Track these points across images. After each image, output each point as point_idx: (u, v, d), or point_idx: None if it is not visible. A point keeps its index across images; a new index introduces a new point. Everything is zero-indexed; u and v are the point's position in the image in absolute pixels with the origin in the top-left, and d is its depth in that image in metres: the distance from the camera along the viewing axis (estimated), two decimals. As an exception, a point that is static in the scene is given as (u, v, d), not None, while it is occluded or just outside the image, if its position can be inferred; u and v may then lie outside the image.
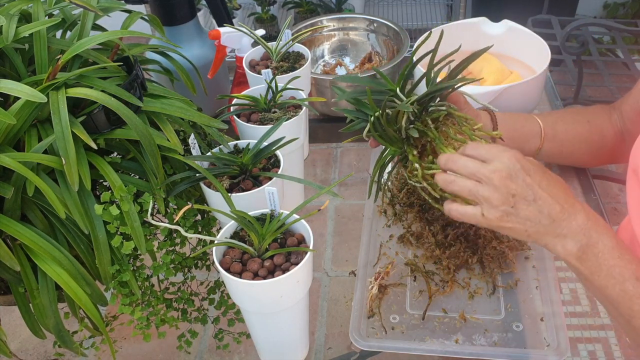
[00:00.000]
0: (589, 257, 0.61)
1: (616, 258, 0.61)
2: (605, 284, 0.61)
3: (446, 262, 0.82)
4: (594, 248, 0.61)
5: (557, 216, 0.62)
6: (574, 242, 0.62)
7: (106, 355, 0.80)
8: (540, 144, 0.85)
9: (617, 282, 0.60)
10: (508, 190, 0.62)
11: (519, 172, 0.62)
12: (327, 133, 1.16)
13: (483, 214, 0.63)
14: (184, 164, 0.69)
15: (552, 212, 0.62)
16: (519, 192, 0.62)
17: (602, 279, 0.61)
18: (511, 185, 0.62)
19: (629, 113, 0.85)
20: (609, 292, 0.60)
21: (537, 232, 0.63)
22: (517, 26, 1.10)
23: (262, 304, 0.63)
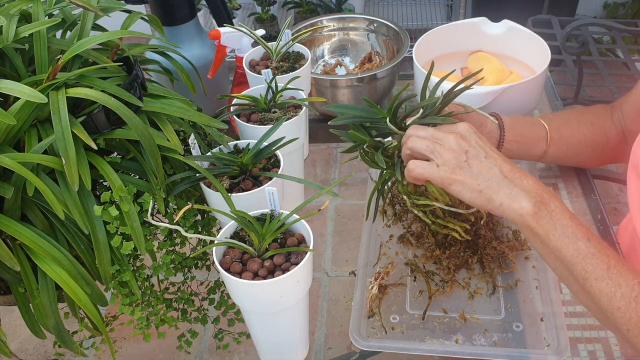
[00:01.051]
0: (544, 214, 0.62)
1: (568, 218, 0.62)
2: (560, 244, 0.61)
3: (446, 262, 0.82)
4: (547, 206, 0.63)
5: (508, 174, 0.64)
6: (528, 199, 0.62)
7: (106, 355, 0.80)
8: (546, 148, 0.85)
9: (571, 241, 0.61)
10: (461, 147, 0.65)
11: (472, 135, 0.67)
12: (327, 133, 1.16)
13: (437, 165, 0.66)
14: (184, 164, 0.69)
15: (503, 170, 0.64)
16: (471, 149, 0.66)
17: (556, 239, 0.61)
18: (464, 143, 0.66)
19: (630, 113, 0.85)
20: (564, 252, 0.61)
21: (489, 187, 0.64)
22: (517, 26, 1.10)
23: (262, 304, 0.63)
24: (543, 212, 0.62)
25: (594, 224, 0.90)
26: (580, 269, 0.60)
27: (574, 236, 0.61)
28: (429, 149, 0.66)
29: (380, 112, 0.72)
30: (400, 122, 0.72)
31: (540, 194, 0.63)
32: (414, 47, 1.07)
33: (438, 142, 0.66)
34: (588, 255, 0.60)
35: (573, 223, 0.62)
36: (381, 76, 1.13)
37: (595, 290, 0.60)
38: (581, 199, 0.94)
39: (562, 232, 0.61)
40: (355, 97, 1.14)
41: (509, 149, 0.84)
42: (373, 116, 0.73)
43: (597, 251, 0.60)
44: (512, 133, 0.83)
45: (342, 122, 0.73)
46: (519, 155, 0.86)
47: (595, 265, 0.60)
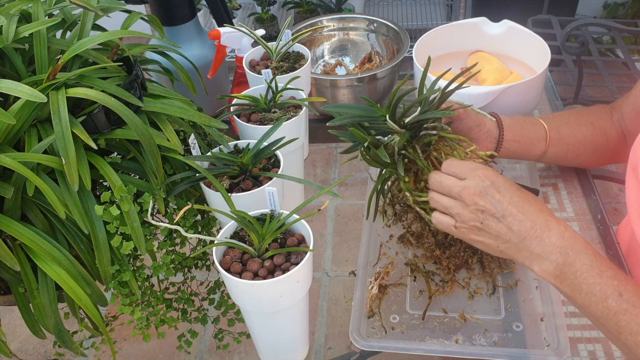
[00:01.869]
0: (568, 276, 0.61)
1: (596, 276, 0.60)
2: (587, 304, 0.60)
3: (446, 262, 0.82)
4: (571, 267, 0.61)
5: (527, 234, 0.62)
6: (550, 261, 0.61)
7: (106, 355, 0.80)
8: (545, 148, 0.85)
9: (599, 299, 0.59)
10: (477, 206, 0.64)
11: (489, 189, 0.64)
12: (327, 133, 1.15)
13: (456, 226, 0.66)
14: (184, 164, 0.69)
15: (522, 230, 0.62)
16: (487, 208, 0.64)
17: (583, 297, 0.60)
18: (480, 202, 0.64)
19: (629, 113, 0.85)
20: (592, 309, 0.60)
21: (508, 249, 0.64)
22: (517, 26, 1.10)
23: (262, 304, 0.63)
24: (566, 274, 0.61)
25: (594, 224, 0.90)
26: (613, 325, 0.59)
27: (602, 294, 0.59)
28: (446, 209, 0.67)
29: (379, 110, 0.72)
30: (399, 119, 0.72)
31: (565, 252, 0.61)
32: (414, 47, 1.07)
33: (457, 200, 0.66)
34: (620, 312, 0.59)
35: (602, 280, 0.60)
36: (381, 76, 1.13)
37: (630, 343, 0.58)
38: (581, 199, 0.94)
39: (589, 291, 0.60)
40: (355, 97, 1.14)
41: (508, 148, 0.83)
42: (372, 115, 0.73)
43: (629, 306, 0.58)
44: (511, 133, 0.83)
45: (340, 122, 0.73)
46: (518, 155, 0.86)
47: (628, 320, 0.58)
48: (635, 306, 0.58)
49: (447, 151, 0.74)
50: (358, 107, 0.74)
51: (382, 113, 0.72)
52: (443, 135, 0.73)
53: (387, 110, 0.71)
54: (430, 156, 0.73)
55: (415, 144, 0.72)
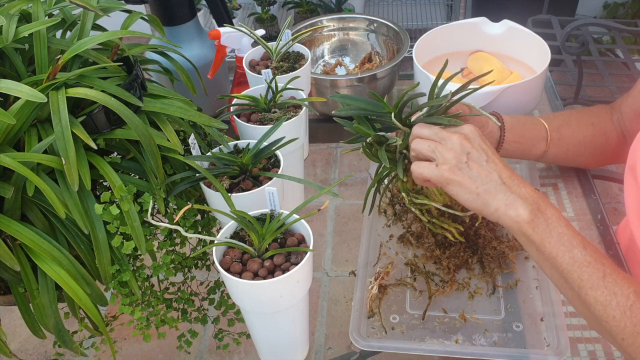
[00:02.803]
0: (540, 222, 0.62)
1: (563, 226, 0.62)
2: (556, 252, 0.61)
3: (446, 262, 0.82)
4: (544, 214, 0.63)
5: (506, 180, 0.65)
6: (524, 207, 0.63)
7: (106, 355, 0.80)
8: (546, 148, 0.85)
9: (567, 249, 0.61)
10: (463, 148, 0.66)
11: (477, 137, 0.67)
12: (327, 133, 1.16)
13: (437, 165, 0.66)
14: (184, 164, 0.69)
15: (502, 175, 0.65)
16: (473, 151, 0.66)
17: (552, 246, 0.61)
18: (467, 144, 0.66)
19: (629, 114, 0.85)
20: (559, 260, 0.61)
21: (486, 191, 0.64)
22: (517, 26, 1.10)
23: (262, 304, 0.63)
24: (539, 220, 0.62)
25: (594, 224, 0.90)
26: (576, 277, 0.60)
27: (569, 244, 0.61)
28: (431, 148, 0.67)
29: (386, 107, 0.72)
30: (405, 119, 0.72)
31: (536, 201, 0.63)
32: (414, 47, 1.07)
33: (441, 142, 0.67)
34: (584, 264, 0.60)
35: (569, 231, 0.62)
36: (381, 76, 1.13)
37: (590, 298, 0.59)
38: (581, 199, 0.94)
39: (558, 239, 0.61)
40: (355, 97, 1.14)
41: (509, 148, 0.83)
42: (378, 110, 0.73)
43: (592, 260, 0.60)
44: (512, 133, 0.83)
45: (347, 113, 0.73)
46: (518, 155, 0.86)
47: (590, 273, 0.60)
48: (596, 260, 0.60)
49: None
50: (365, 100, 0.74)
51: (389, 110, 0.72)
52: None
53: (394, 109, 0.71)
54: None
55: None
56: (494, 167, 0.65)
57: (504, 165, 0.66)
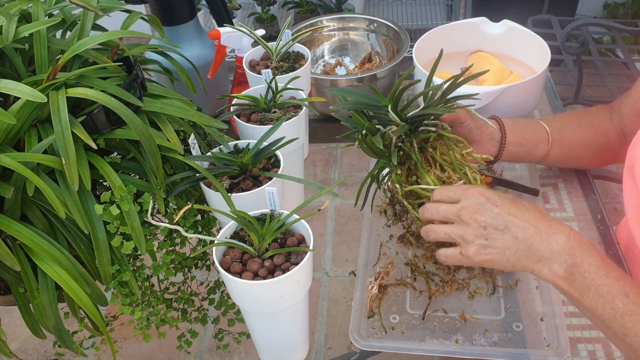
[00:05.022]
0: (576, 277, 0.61)
1: (603, 277, 0.60)
2: (595, 305, 0.60)
3: (446, 262, 0.82)
4: (579, 268, 0.61)
5: (533, 239, 0.62)
6: (559, 263, 0.62)
7: (106, 355, 0.80)
8: (548, 150, 0.85)
9: (607, 300, 0.59)
10: (478, 223, 0.64)
11: (485, 204, 0.64)
12: (327, 133, 1.16)
13: (461, 252, 0.65)
14: (184, 164, 0.69)
15: (528, 236, 0.63)
16: (488, 223, 0.64)
17: (591, 299, 0.60)
18: (480, 218, 0.64)
19: (628, 114, 0.85)
20: (599, 311, 0.60)
21: (518, 259, 0.63)
22: (517, 26, 1.10)
23: (262, 304, 0.63)
24: (575, 275, 0.61)
25: (594, 224, 0.90)
26: (619, 327, 0.59)
27: (609, 295, 0.59)
28: (448, 236, 0.66)
29: (382, 100, 0.72)
30: (401, 112, 0.72)
31: (572, 253, 0.61)
32: (414, 47, 1.07)
33: (455, 222, 0.65)
34: (626, 313, 0.59)
35: (609, 281, 0.60)
36: (381, 76, 1.13)
37: (636, 344, 0.58)
38: (581, 199, 0.94)
39: (596, 292, 0.60)
40: (355, 97, 1.14)
41: (511, 150, 0.83)
42: (375, 103, 0.73)
43: (635, 307, 0.59)
44: (513, 135, 0.83)
45: (344, 107, 0.73)
46: (521, 157, 0.86)
47: (634, 322, 0.58)
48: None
49: (443, 150, 0.74)
50: (363, 94, 0.74)
51: (386, 103, 0.72)
52: (442, 133, 0.73)
53: (390, 101, 0.71)
54: (426, 153, 0.73)
55: (413, 138, 0.72)
56: (516, 231, 0.63)
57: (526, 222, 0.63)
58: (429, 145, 0.74)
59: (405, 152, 0.73)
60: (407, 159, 0.74)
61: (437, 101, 0.71)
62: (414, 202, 0.75)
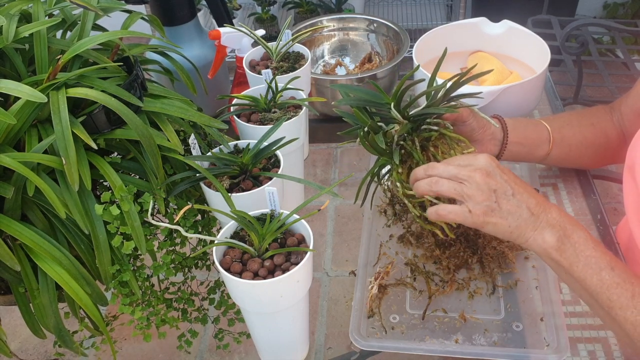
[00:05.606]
0: (567, 247, 0.64)
1: (591, 249, 0.63)
2: (584, 275, 0.62)
3: (446, 262, 0.82)
4: (570, 239, 0.64)
5: (534, 209, 0.65)
6: (552, 233, 0.64)
7: (106, 355, 0.80)
8: (549, 150, 0.85)
9: (594, 271, 0.62)
10: (489, 186, 0.65)
11: (496, 169, 0.67)
12: (327, 133, 1.16)
13: (470, 210, 0.66)
14: (184, 164, 0.69)
15: (530, 205, 0.65)
16: (499, 187, 0.65)
17: (580, 270, 0.63)
18: (491, 181, 0.66)
19: (628, 114, 0.85)
20: (588, 282, 0.62)
21: (517, 226, 0.65)
22: (517, 26, 1.10)
23: (262, 304, 0.63)
24: (566, 245, 0.64)
25: (594, 224, 0.90)
26: (605, 298, 0.61)
27: (597, 266, 0.62)
28: (457, 191, 0.66)
29: (385, 98, 0.72)
30: (404, 110, 0.72)
31: (563, 226, 0.64)
32: (414, 47, 1.07)
33: (464, 182, 0.66)
34: (612, 285, 0.61)
35: (597, 253, 0.63)
36: (381, 76, 1.13)
37: (620, 318, 0.61)
38: (581, 199, 0.95)
39: (586, 263, 0.62)
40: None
41: (513, 150, 0.83)
42: (378, 101, 0.73)
43: (621, 280, 0.61)
44: (514, 134, 0.83)
45: (347, 103, 0.73)
46: (523, 157, 0.86)
47: (619, 294, 0.61)
48: (625, 281, 0.61)
49: (444, 149, 0.74)
50: (365, 90, 0.74)
51: (388, 101, 0.72)
52: (444, 132, 0.73)
53: (393, 99, 0.71)
54: (428, 152, 0.73)
55: (415, 137, 0.72)
56: (521, 199, 0.65)
57: (529, 194, 0.66)
58: (431, 144, 0.74)
59: (407, 150, 0.72)
60: (409, 157, 0.74)
61: (440, 100, 0.71)
62: (415, 202, 0.75)
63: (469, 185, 0.66)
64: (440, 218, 0.68)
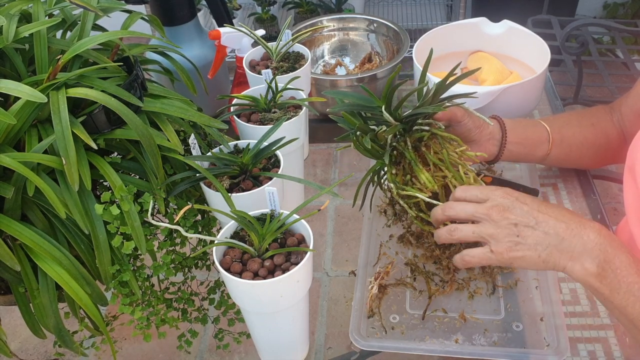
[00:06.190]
0: (608, 274, 0.60)
1: (634, 274, 0.59)
2: (626, 303, 0.59)
3: (446, 262, 0.82)
4: (611, 264, 0.60)
5: (565, 234, 0.62)
6: (591, 259, 0.60)
7: (106, 355, 0.80)
8: (548, 150, 0.85)
9: (637, 299, 0.59)
10: (509, 221, 0.63)
11: (515, 202, 0.64)
12: (327, 133, 1.16)
13: (492, 250, 0.64)
14: (184, 164, 0.69)
15: (559, 231, 0.62)
16: (519, 220, 0.63)
17: (621, 297, 0.59)
18: (510, 216, 0.63)
19: (628, 115, 0.85)
20: (629, 310, 0.59)
21: (550, 254, 0.62)
22: (517, 26, 1.10)
23: (262, 304, 0.63)
24: (607, 272, 0.60)
25: (594, 224, 0.90)
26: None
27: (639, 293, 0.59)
28: (477, 235, 0.65)
29: (376, 101, 0.72)
30: (394, 111, 0.72)
31: (604, 249, 0.60)
32: (414, 47, 1.07)
33: (482, 221, 0.64)
34: None
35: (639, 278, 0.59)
36: (381, 76, 1.13)
37: None
38: (581, 199, 0.95)
39: (627, 290, 0.59)
40: (355, 97, 1.14)
41: (512, 150, 0.83)
42: (369, 104, 0.73)
43: None
44: (514, 135, 0.83)
45: (340, 109, 0.73)
46: (522, 157, 0.86)
47: None
48: None
49: (436, 149, 0.74)
50: (357, 95, 0.74)
51: (379, 104, 0.72)
52: (435, 132, 0.73)
53: (383, 101, 0.71)
54: (421, 152, 0.73)
55: (407, 137, 0.73)
56: (547, 227, 0.62)
57: (556, 218, 0.63)
58: (423, 144, 0.74)
59: (400, 151, 0.73)
60: (402, 158, 0.74)
61: (430, 100, 0.71)
62: (410, 202, 0.75)
63: (487, 224, 0.64)
64: (467, 265, 0.67)
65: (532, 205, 0.64)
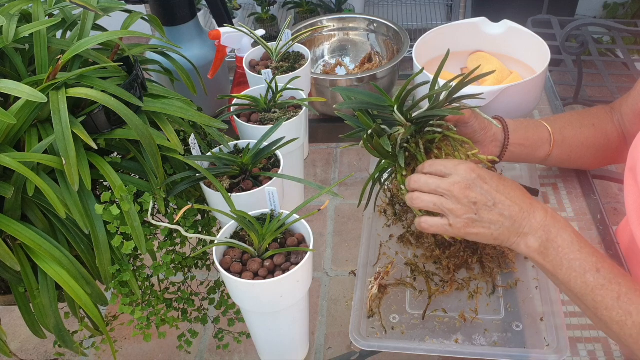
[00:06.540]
0: (550, 252, 0.65)
1: (576, 252, 0.64)
2: (568, 279, 0.64)
3: (446, 262, 0.82)
4: (554, 243, 0.65)
5: (517, 216, 0.66)
6: (535, 238, 0.65)
7: (106, 355, 0.80)
8: (550, 151, 0.85)
9: (579, 274, 0.63)
10: (469, 199, 0.66)
11: (476, 180, 0.67)
12: (327, 133, 1.16)
13: (450, 224, 0.67)
14: (184, 164, 0.69)
15: (513, 213, 0.66)
16: (479, 199, 0.66)
17: (564, 273, 0.64)
18: (471, 194, 0.66)
19: (629, 115, 0.85)
20: (572, 285, 0.63)
21: (501, 234, 0.67)
22: (517, 26, 1.10)
23: (262, 304, 0.63)
24: (549, 250, 0.65)
25: (594, 224, 0.90)
26: (590, 300, 0.62)
27: (581, 269, 0.63)
28: (437, 205, 0.67)
29: (388, 100, 0.72)
30: (407, 112, 0.72)
31: (548, 229, 0.65)
32: (414, 47, 1.07)
33: (444, 195, 0.67)
34: (597, 287, 0.62)
35: (582, 255, 0.64)
36: (381, 76, 1.13)
37: (606, 318, 0.62)
38: (581, 199, 0.95)
39: (569, 266, 0.64)
40: (355, 97, 1.14)
41: (513, 151, 0.83)
42: (381, 103, 0.72)
43: (606, 282, 0.62)
44: (516, 135, 0.83)
45: (348, 106, 0.73)
46: (524, 158, 0.86)
47: (604, 296, 0.62)
48: (611, 282, 0.62)
49: (448, 151, 0.73)
50: (367, 93, 0.74)
51: (391, 103, 0.71)
52: (447, 134, 0.73)
53: (396, 101, 0.71)
54: (432, 154, 0.73)
55: (419, 139, 0.72)
56: (503, 208, 0.66)
57: (511, 201, 0.66)
58: (435, 146, 0.73)
59: (411, 153, 0.72)
60: (412, 159, 0.73)
61: (443, 102, 0.71)
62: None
63: (448, 200, 0.67)
64: (424, 230, 0.70)
65: (492, 185, 0.67)
